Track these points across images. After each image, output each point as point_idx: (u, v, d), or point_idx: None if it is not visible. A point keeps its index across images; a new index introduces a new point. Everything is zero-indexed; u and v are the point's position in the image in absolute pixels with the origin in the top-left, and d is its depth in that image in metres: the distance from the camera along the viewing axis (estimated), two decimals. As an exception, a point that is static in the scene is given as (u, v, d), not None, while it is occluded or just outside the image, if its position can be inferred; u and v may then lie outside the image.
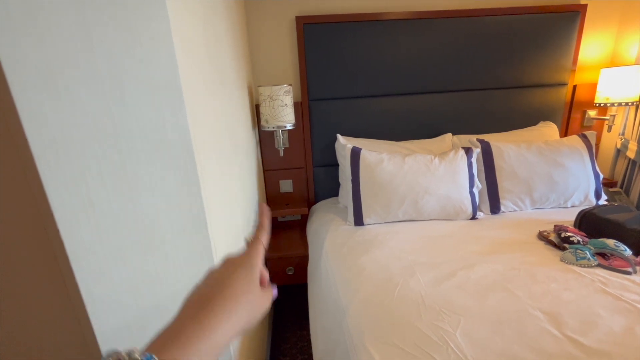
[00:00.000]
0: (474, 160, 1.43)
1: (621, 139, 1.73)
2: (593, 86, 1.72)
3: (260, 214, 0.43)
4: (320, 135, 1.68)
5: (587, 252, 1.00)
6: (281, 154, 1.59)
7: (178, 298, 0.31)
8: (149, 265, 0.59)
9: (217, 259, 0.70)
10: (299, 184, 1.76)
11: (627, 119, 1.71)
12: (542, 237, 1.18)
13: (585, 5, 1.61)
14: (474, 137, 1.56)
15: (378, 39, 1.56)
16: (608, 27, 1.71)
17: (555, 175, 1.40)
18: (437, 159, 1.41)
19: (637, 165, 1.64)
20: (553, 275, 0.95)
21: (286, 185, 1.75)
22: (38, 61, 0.48)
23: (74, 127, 0.51)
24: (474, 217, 1.40)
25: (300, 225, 1.80)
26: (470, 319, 0.79)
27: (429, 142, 1.64)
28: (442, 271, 1.01)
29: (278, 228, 1.78)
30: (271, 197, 1.76)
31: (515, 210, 1.45)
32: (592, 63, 1.75)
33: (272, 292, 0.36)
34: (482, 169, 1.46)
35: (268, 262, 1.52)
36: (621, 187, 1.75)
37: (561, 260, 1.03)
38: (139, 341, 0.62)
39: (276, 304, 1.79)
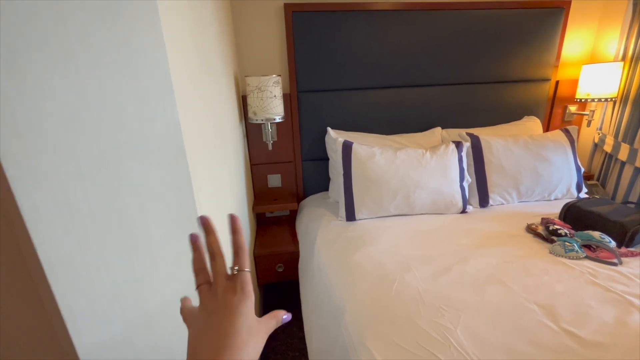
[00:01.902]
0: (464, 154, 1.44)
1: (599, 134, 1.80)
2: (574, 82, 1.77)
3: (233, 231, 0.34)
4: (309, 128, 1.63)
5: (575, 245, 1.03)
6: (269, 147, 1.53)
7: (167, 307, 0.28)
8: (134, 271, 0.53)
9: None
10: (287, 179, 1.71)
11: (604, 115, 1.78)
12: (530, 230, 1.20)
13: (569, 2, 1.64)
14: (463, 131, 1.57)
15: (368, 30, 1.52)
16: (589, 24, 1.75)
17: (540, 168, 1.43)
18: (428, 153, 1.40)
19: (614, 159, 1.71)
20: (544, 267, 0.96)
21: (274, 180, 1.70)
22: (-2, 39, 0.41)
23: (44, 117, 0.44)
24: (464, 211, 1.41)
25: (289, 221, 1.76)
26: (470, 315, 0.79)
27: (419, 136, 1.63)
28: (437, 265, 1.01)
29: (266, 224, 1.73)
30: (259, 192, 1.70)
31: (502, 204, 1.48)
32: (573, 59, 1.79)
33: (278, 317, 0.34)
34: (472, 163, 1.47)
35: (257, 259, 1.47)
36: (597, 179, 1.83)
37: (550, 253, 1.05)
38: (126, 356, 0.56)
39: (265, 301, 1.75)
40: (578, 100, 1.71)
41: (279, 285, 1.84)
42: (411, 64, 1.61)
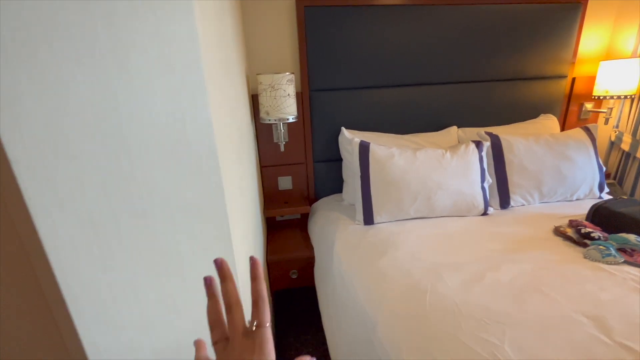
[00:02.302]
0: (484, 154, 1.38)
1: (615, 132, 1.77)
2: (590, 79, 1.73)
3: (252, 278, 0.31)
4: (321, 128, 1.57)
5: (612, 249, 0.98)
6: (282, 148, 1.47)
7: (199, 332, 0.22)
8: (165, 295, 0.47)
9: (239, 281, 0.58)
10: (298, 181, 1.65)
11: (621, 112, 1.74)
12: (559, 233, 1.15)
13: (586, -3, 1.60)
14: (481, 130, 1.52)
15: (381, 26, 1.46)
16: (605, 20, 1.71)
17: (563, 168, 1.39)
18: (448, 153, 1.35)
19: (631, 157, 1.67)
20: (583, 274, 0.91)
21: (285, 182, 1.63)
22: (12, 23, 0.34)
23: (62, 118, 0.37)
24: (485, 213, 1.36)
25: (300, 225, 1.69)
26: (516, 328, 0.73)
27: (435, 135, 1.58)
28: (468, 273, 0.95)
29: (276, 228, 1.67)
30: (269, 195, 1.64)
31: (523, 205, 1.43)
32: (589, 56, 1.75)
33: None
34: (492, 162, 1.42)
35: (270, 265, 1.41)
36: (614, 178, 1.79)
37: (585, 258, 1.00)
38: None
39: (278, 309, 1.69)
40: (595, 97, 1.67)
41: (292, 291, 1.78)
42: (425, 61, 1.55)
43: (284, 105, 1.30)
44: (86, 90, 0.38)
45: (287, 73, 1.27)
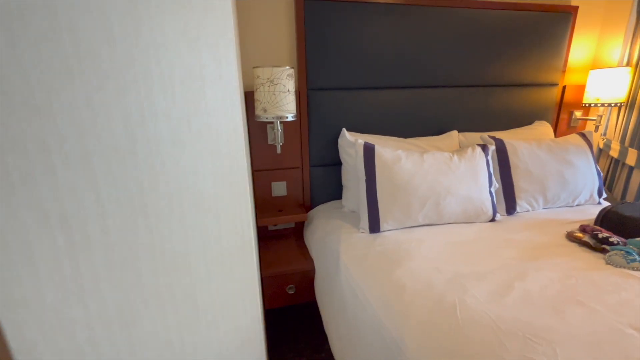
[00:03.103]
0: (490, 158, 1.34)
1: (603, 139, 1.81)
2: (580, 87, 1.77)
3: None
4: (318, 130, 1.47)
5: (634, 254, 0.94)
6: (278, 150, 1.34)
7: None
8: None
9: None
10: (293, 187, 1.52)
11: (609, 120, 1.79)
12: (573, 238, 1.11)
13: (576, 7, 1.64)
14: (485, 134, 1.48)
15: (382, 25, 1.41)
16: (592, 30, 1.77)
17: (566, 173, 1.37)
18: (456, 156, 1.29)
19: (620, 163, 1.71)
20: (614, 281, 0.86)
21: (279, 188, 1.50)
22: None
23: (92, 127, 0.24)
24: (493, 219, 1.30)
25: (296, 235, 1.56)
26: (565, 345, 0.65)
27: (437, 140, 1.53)
28: (494, 284, 0.87)
29: (269, 239, 1.52)
30: (261, 202, 1.50)
31: (528, 211, 1.40)
32: (577, 65, 1.80)
33: None
34: (497, 167, 1.38)
35: (264, 281, 1.26)
36: (604, 184, 1.82)
37: (608, 264, 0.96)
38: None
39: (274, 331, 1.53)
40: (586, 105, 1.71)
41: (288, 309, 1.63)
42: (426, 64, 1.51)
43: (283, 102, 1.18)
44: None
45: (288, 67, 1.17)
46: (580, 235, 1.10)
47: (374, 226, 1.20)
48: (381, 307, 0.85)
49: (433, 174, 1.22)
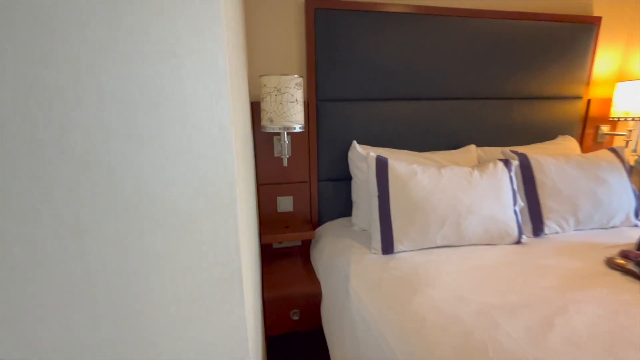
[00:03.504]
0: (513, 174, 1.23)
1: (634, 156, 1.68)
2: (605, 101, 1.67)
3: None
4: (328, 142, 1.39)
5: (693, 286, 0.81)
6: (285, 162, 1.27)
7: None
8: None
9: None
10: (300, 202, 1.43)
11: (639, 136, 1.67)
12: (614, 265, 0.98)
13: (599, 18, 1.57)
14: (506, 149, 1.38)
15: (396, 35, 1.35)
16: (617, 41, 1.68)
17: (599, 192, 1.25)
18: (476, 171, 1.19)
19: (654, 182, 1.57)
20: (675, 320, 0.73)
21: (285, 203, 1.41)
22: None
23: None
24: (518, 241, 1.18)
25: (302, 254, 1.46)
26: (632, 406, 0.52)
27: (454, 154, 1.43)
28: (530, 319, 0.75)
29: (273, 258, 1.42)
30: (266, 217, 1.41)
31: (557, 232, 1.27)
32: (603, 77, 1.70)
33: None
34: (521, 185, 1.27)
35: (266, 304, 1.15)
36: (635, 205, 1.68)
37: (662, 297, 0.83)
38: None
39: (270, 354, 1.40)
40: (614, 119, 1.60)
41: (292, 337, 1.50)
42: (442, 75, 1.44)
43: (291, 112, 1.12)
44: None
45: (296, 75, 1.11)
46: (622, 262, 0.98)
47: (387, 247, 1.10)
48: (398, 344, 0.73)
49: (452, 190, 1.12)
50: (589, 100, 1.67)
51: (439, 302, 0.82)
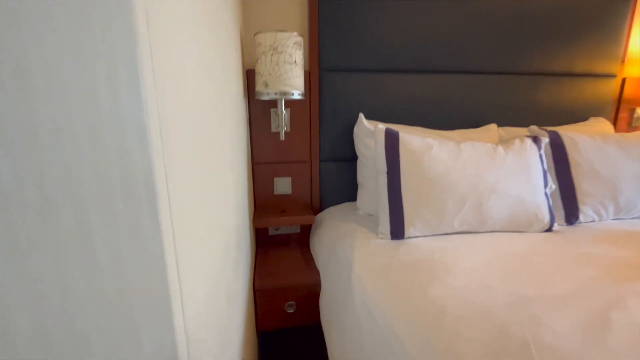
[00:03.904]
0: (543, 152, 1.07)
1: (675, 142, 1.50)
2: (642, 80, 1.49)
3: None
4: (331, 117, 1.25)
5: None
6: (282, 136, 1.13)
7: None
8: None
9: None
10: (300, 184, 1.29)
11: (681, 119, 1.49)
12: (672, 255, 0.81)
13: (638, -13, 1.40)
14: (534, 127, 1.22)
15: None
16: (655, 15, 1.51)
17: (643, 175, 1.08)
18: (501, 148, 1.03)
19: (700, 171, 1.39)
20: None
21: (283, 185, 1.27)
22: None
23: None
24: (549, 229, 1.02)
25: (301, 242, 1.32)
26: None
27: (472, 133, 1.28)
28: (579, 313, 0.60)
29: (268, 245, 1.28)
30: (262, 200, 1.27)
31: (593, 221, 1.10)
32: (639, 55, 1.53)
33: None
34: (552, 165, 1.11)
35: (257, 294, 1.01)
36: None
37: None
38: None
39: (263, 349, 1.26)
40: (653, 100, 1.42)
41: (287, 332, 1.36)
42: (461, 46, 1.29)
43: (289, 76, 0.98)
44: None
45: (295, 33, 0.97)
46: (682, 251, 0.81)
47: (397, 231, 0.95)
48: (411, 338, 0.58)
49: (473, 167, 0.97)
50: (623, 80, 1.50)
51: (461, 291, 0.67)
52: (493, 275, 0.74)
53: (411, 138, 1.01)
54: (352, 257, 0.89)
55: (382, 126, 1.04)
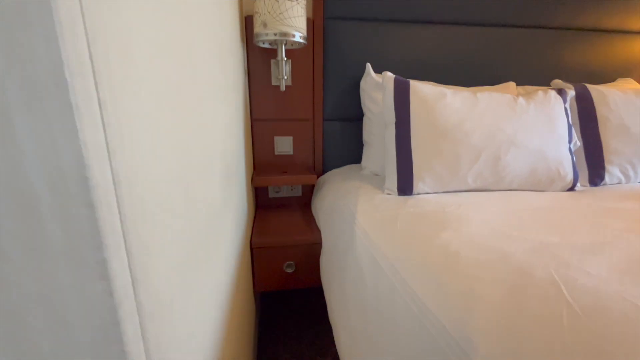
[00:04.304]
0: (568, 106, 0.98)
1: None
2: (678, 39, 1.36)
3: None
4: (337, 71, 1.16)
5: None
6: (282, 87, 1.05)
7: None
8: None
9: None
10: (302, 144, 1.22)
11: None
12: None
13: None
14: (558, 81, 1.12)
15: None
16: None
17: (679, 132, 0.99)
18: (522, 98, 0.94)
19: None
20: None
21: (284, 144, 1.20)
22: None
23: None
24: (572, 188, 0.94)
25: (302, 205, 1.25)
26: None
27: (489, 90, 1.17)
28: (611, 258, 0.52)
29: (268, 208, 1.22)
30: (261, 160, 1.20)
31: (620, 183, 1.02)
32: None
33: None
34: (576, 122, 1.02)
35: (254, 252, 0.96)
36: None
37: None
38: None
39: (263, 311, 1.22)
40: (689, 58, 1.30)
41: (288, 295, 1.32)
42: (479, -6, 1.18)
43: (289, 15, 0.89)
44: None
45: (297, -34, 0.88)
46: None
47: (405, 185, 0.87)
48: (421, 283, 0.52)
49: (491, 117, 0.88)
50: (656, 37, 1.37)
51: (476, 238, 0.60)
52: (512, 225, 0.66)
53: (423, 86, 0.93)
54: (355, 211, 0.82)
55: (391, 74, 0.96)
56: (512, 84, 1.22)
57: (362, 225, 0.75)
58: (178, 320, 0.32)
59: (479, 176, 0.88)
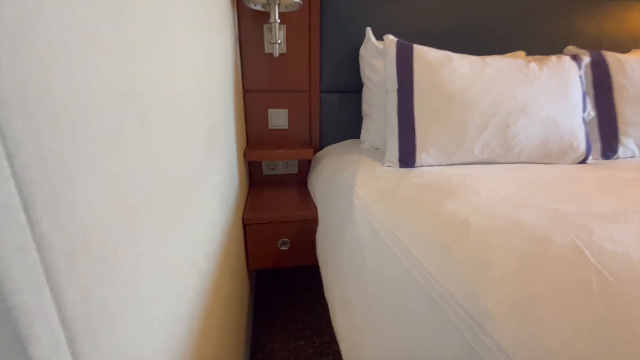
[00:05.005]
0: (582, 73, 0.91)
1: None
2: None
3: None
4: (334, 41, 1.09)
5: None
6: (276, 53, 0.97)
7: None
8: None
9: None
10: (297, 117, 1.16)
11: None
12: None
13: None
14: (572, 47, 1.05)
15: None
16: None
17: (699, 101, 0.92)
18: (534, 63, 0.87)
19: None
20: None
21: (278, 117, 1.14)
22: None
23: None
24: (584, 161, 0.88)
25: (298, 183, 1.20)
26: None
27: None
28: (635, 225, 0.47)
29: (262, 185, 1.17)
30: (255, 134, 1.14)
31: (633, 157, 0.96)
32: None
33: None
34: (591, 91, 0.95)
35: (247, 228, 0.91)
36: None
37: None
38: None
39: (258, 291, 1.19)
40: None
41: (284, 273, 1.29)
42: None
43: (283, -31, 0.81)
44: None
45: None
46: None
47: (407, 158, 0.82)
48: (429, 255, 0.47)
49: (501, 82, 0.82)
50: (675, 5, 1.29)
51: (486, 206, 0.55)
52: (523, 195, 0.61)
53: (427, 49, 0.86)
54: (353, 182, 0.77)
55: (393, 37, 0.88)
56: (521, 53, 1.14)
57: (360, 196, 0.70)
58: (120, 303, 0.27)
59: (487, 147, 0.82)
